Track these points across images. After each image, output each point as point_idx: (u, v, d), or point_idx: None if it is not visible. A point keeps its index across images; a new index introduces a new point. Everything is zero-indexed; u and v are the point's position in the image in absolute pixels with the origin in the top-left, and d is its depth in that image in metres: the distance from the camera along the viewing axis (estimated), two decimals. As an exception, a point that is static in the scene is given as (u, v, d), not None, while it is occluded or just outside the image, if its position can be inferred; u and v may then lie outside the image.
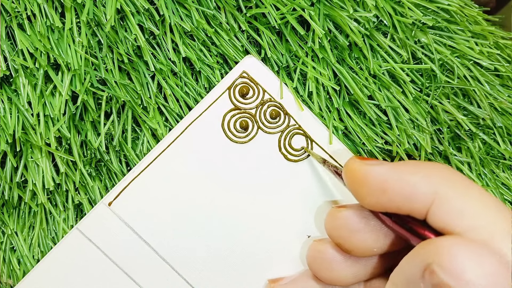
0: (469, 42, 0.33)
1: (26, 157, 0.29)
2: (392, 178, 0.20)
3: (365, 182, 0.20)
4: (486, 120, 0.32)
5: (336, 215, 0.23)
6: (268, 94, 0.30)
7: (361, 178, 0.21)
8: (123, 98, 0.29)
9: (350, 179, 0.22)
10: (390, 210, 0.20)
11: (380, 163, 0.21)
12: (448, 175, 0.19)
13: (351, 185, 0.22)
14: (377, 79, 0.31)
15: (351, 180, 0.22)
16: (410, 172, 0.19)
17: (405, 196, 0.19)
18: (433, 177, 0.19)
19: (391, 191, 0.19)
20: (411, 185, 0.19)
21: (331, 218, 0.23)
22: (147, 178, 0.29)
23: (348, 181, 0.22)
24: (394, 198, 0.19)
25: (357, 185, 0.21)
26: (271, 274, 0.29)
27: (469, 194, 0.18)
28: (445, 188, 0.19)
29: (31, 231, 0.31)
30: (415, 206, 0.19)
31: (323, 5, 0.30)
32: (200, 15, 0.30)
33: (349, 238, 0.22)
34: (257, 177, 0.29)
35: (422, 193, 0.19)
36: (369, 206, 0.21)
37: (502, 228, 0.17)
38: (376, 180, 0.20)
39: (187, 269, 0.29)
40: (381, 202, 0.20)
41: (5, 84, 0.29)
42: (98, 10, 0.28)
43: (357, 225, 0.22)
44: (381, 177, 0.20)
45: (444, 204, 0.18)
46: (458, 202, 0.18)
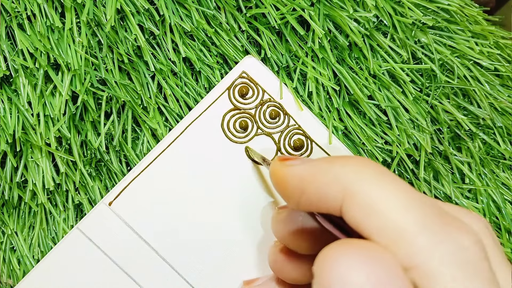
0: (469, 42, 0.32)
1: (26, 157, 0.29)
2: (307, 178, 0.18)
3: (285, 184, 0.19)
4: (486, 120, 0.32)
5: (277, 217, 0.23)
6: (267, 94, 0.30)
7: (281, 179, 0.20)
8: (123, 98, 0.29)
9: (273, 180, 0.21)
10: (312, 210, 0.19)
11: (300, 162, 0.19)
12: (358, 168, 0.17)
13: (275, 187, 0.21)
14: (377, 79, 0.31)
15: (274, 182, 0.21)
16: (323, 170, 0.18)
17: (319, 196, 0.18)
18: (344, 173, 0.17)
19: (308, 192, 0.18)
20: (323, 184, 0.18)
21: (273, 221, 0.23)
22: (147, 178, 0.29)
23: (272, 183, 0.21)
24: (311, 199, 0.18)
25: (279, 187, 0.20)
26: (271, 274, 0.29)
27: (379, 188, 0.16)
28: (354, 183, 0.17)
29: (31, 231, 0.31)
30: (330, 206, 0.17)
31: (323, 5, 0.30)
32: (200, 15, 0.30)
33: (291, 239, 0.22)
34: (257, 177, 0.29)
35: (333, 191, 0.17)
36: (294, 207, 0.20)
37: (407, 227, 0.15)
38: (294, 181, 0.19)
39: (187, 269, 0.29)
40: (302, 204, 0.19)
41: (5, 84, 0.29)
42: (98, 10, 0.28)
43: (295, 226, 0.22)
44: (298, 177, 0.19)
45: (353, 200, 0.16)
46: (365, 198, 0.16)
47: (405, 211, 0.16)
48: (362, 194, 0.16)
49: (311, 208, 0.19)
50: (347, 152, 0.30)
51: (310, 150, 0.30)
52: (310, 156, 0.30)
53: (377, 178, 0.17)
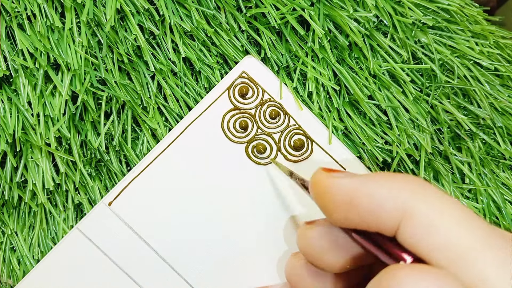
0: (469, 42, 0.32)
1: (26, 157, 0.29)
2: (360, 192, 0.18)
3: (332, 196, 0.19)
4: (486, 120, 0.32)
5: (306, 233, 0.22)
6: (267, 94, 0.30)
7: (327, 191, 0.19)
8: (123, 98, 0.29)
9: (316, 193, 0.20)
10: (359, 226, 0.18)
11: (347, 175, 0.19)
12: (418, 189, 0.17)
13: (317, 199, 0.20)
14: (377, 79, 0.31)
15: (317, 194, 0.20)
16: (378, 186, 0.18)
17: (373, 211, 0.17)
18: (403, 191, 0.17)
19: (359, 206, 0.18)
20: (379, 199, 0.17)
21: (301, 238, 0.22)
22: (147, 178, 0.29)
23: (315, 194, 0.20)
24: (362, 214, 0.18)
25: (323, 200, 0.19)
26: (271, 275, 0.29)
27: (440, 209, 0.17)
28: (414, 203, 0.17)
29: (31, 231, 0.31)
30: (383, 222, 0.17)
31: (323, 5, 0.30)
32: (200, 15, 0.30)
33: (320, 257, 0.21)
34: (257, 177, 0.29)
35: (390, 209, 0.17)
36: (337, 222, 0.19)
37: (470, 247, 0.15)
38: (343, 194, 0.18)
39: (187, 269, 0.29)
40: (349, 218, 0.18)
41: (5, 84, 0.29)
42: (98, 10, 0.28)
43: (327, 244, 0.21)
44: (349, 190, 0.18)
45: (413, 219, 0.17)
46: (427, 217, 0.16)
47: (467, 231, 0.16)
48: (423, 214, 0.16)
49: (359, 223, 0.18)
50: (347, 152, 0.30)
51: (311, 151, 0.30)
52: (311, 156, 0.30)
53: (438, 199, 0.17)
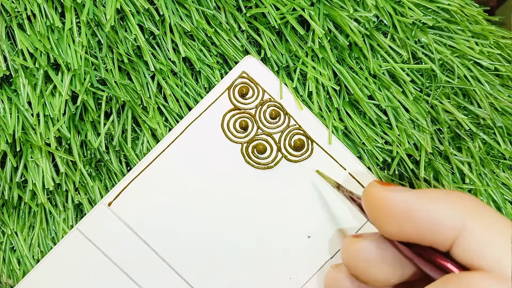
0: (469, 42, 0.32)
1: (26, 157, 0.29)
2: (418, 206, 0.19)
3: (387, 209, 0.19)
4: (487, 120, 0.32)
5: (353, 246, 0.22)
6: (268, 94, 0.30)
7: (382, 204, 0.20)
8: (123, 98, 0.29)
9: (370, 205, 0.20)
10: (412, 239, 0.19)
11: (403, 189, 0.20)
12: (476, 207, 0.18)
13: (371, 211, 0.20)
14: (377, 79, 0.31)
15: (371, 207, 0.20)
16: (437, 201, 0.18)
17: (431, 225, 0.18)
18: (461, 208, 0.18)
19: (416, 220, 0.18)
20: (438, 214, 0.18)
21: (347, 249, 0.22)
22: (147, 178, 0.29)
23: (368, 207, 0.21)
24: (418, 227, 0.18)
25: (378, 212, 0.20)
26: (271, 275, 0.29)
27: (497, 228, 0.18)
28: (473, 220, 0.18)
29: (31, 231, 0.31)
30: (440, 237, 0.18)
31: (323, 5, 0.30)
32: (200, 15, 0.30)
33: (366, 270, 0.21)
34: (257, 177, 0.29)
35: (449, 224, 0.18)
36: (390, 234, 0.20)
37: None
38: (400, 207, 0.19)
39: (187, 269, 0.29)
40: (404, 231, 0.19)
41: (5, 84, 0.29)
42: (98, 10, 0.28)
43: (374, 257, 0.21)
44: (405, 204, 0.19)
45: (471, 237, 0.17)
46: (485, 236, 0.17)
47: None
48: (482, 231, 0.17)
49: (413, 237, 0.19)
50: (347, 152, 0.30)
51: (311, 151, 0.30)
52: (311, 156, 0.30)
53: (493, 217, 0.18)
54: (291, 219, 0.29)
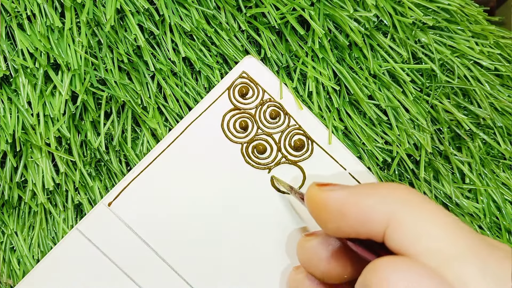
0: (469, 42, 0.32)
1: (26, 157, 0.29)
2: (349, 202, 0.19)
3: (324, 208, 0.20)
4: (487, 120, 0.32)
5: (304, 245, 0.23)
6: (268, 94, 0.30)
7: (320, 204, 0.20)
8: (123, 98, 0.29)
9: (311, 205, 0.21)
10: (350, 235, 0.19)
11: (339, 187, 0.20)
12: (404, 196, 0.18)
13: (312, 211, 0.21)
14: (377, 79, 0.31)
15: (311, 207, 0.21)
16: (366, 195, 0.19)
17: (362, 220, 0.19)
18: (389, 199, 0.18)
19: (349, 216, 0.19)
20: (367, 208, 0.19)
21: (300, 249, 0.23)
22: (146, 178, 0.29)
23: (309, 207, 0.21)
24: (352, 223, 0.19)
25: (317, 211, 0.21)
26: (270, 275, 0.29)
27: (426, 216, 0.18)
28: (400, 209, 0.18)
29: (31, 231, 0.31)
30: (372, 230, 0.18)
31: (323, 4, 0.30)
32: (200, 15, 0.30)
33: (318, 267, 0.22)
34: (257, 177, 0.29)
35: (377, 216, 0.18)
36: (331, 232, 0.20)
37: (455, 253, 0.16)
38: (335, 205, 0.20)
39: (187, 269, 0.29)
40: (341, 228, 0.19)
41: (5, 84, 0.29)
42: (98, 10, 0.28)
43: (324, 254, 0.22)
44: (339, 201, 0.19)
45: (399, 226, 0.18)
46: (413, 224, 0.17)
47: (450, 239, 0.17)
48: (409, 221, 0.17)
49: (350, 232, 0.19)
50: (347, 152, 0.30)
51: (311, 151, 0.30)
52: (311, 157, 0.30)
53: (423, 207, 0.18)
54: (292, 219, 0.29)
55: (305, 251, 0.23)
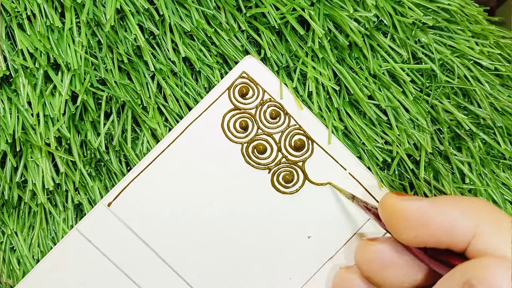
0: (469, 42, 0.32)
1: (26, 157, 0.29)
2: (432, 212, 0.20)
3: (404, 217, 0.21)
4: (487, 120, 0.32)
5: (368, 248, 0.23)
6: (268, 94, 0.30)
7: (399, 213, 0.21)
8: (123, 98, 0.29)
9: (387, 215, 0.22)
10: (428, 244, 0.20)
11: (417, 198, 0.21)
12: (487, 210, 0.20)
13: (388, 220, 0.22)
14: (377, 79, 0.31)
15: (388, 216, 0.22)
16: (450, 207, 0.20)
17: (446, 230, 0.20)
18: (473, 212, 0.20)
19: (431, 225, 0.20)
20: (451, 219, 0.20)
21: (363, 251, 0.24)
22: (146, 178, 0.29)
23: (385, 216, 0.22)
24: (434, 232, 0.20)
25: (394, 220, 0.21)
26: (270, 275, 0.29)
27: (506, 226, 0.19)
28: (484, 222, 0.19)
29: (31, 231, 0.31)
30: (455, 240, 0.19)
31: (323, 5, 0.30)
32: (200, 15, 0.30)
33: (380, 272, 0.23)
34: (257, 177, 0.29)
35: (463, 227, 0.19)
36: (407, 240, 0.21)
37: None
38: (416, 215, 0.20)
39: (187, 269, 0.29)
40: (420, 236, 0.20)
41: (5, 84, 0.29)
42: (98, 10, 0.28)
43: (390, 260, 0.22)
44: (421, 211, 0.20)
45: (484, 238, 0.19)
46: (497, 236, 0.19)
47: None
48: (494, 233, 0.19)
49: (429, 241, 0.20)
50: (347, 152, 0.30)
51: (311, 151, 0.30)
52: (311, 157, 0.30)
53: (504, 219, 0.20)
54: (292, 219, 0.29)
55: (367, 254, 0.23)
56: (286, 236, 0.29)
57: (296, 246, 0.29)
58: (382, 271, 0.22)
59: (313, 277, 0.29)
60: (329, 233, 0.29)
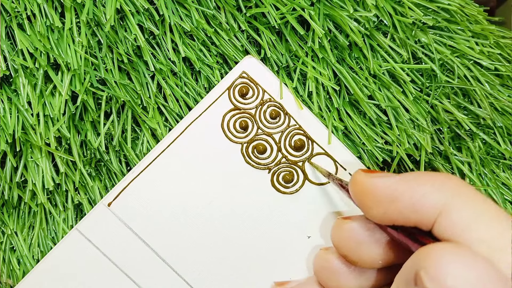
0: (469, 42, 0.32)
1: (26, 157, 0.29)
2: (401, 188, 0.19)
3: (372, 193, 0.20)
4: (487, 120, 0.32)
5: (342, 226, 0.23)
6: (268, 94, 0.30)
7: (368, 189, 0.21)
8: (123, 98, 0.29)
9: (357, 190, 0.21)
10: (397, 221, 0.20)
11: (387, 174, 0.21)
12: (457, 187, 0.19)
13: (358, 196, 0.21)
14: (377, 79, 0.31)
15: (357, 192, 0.21)
16: (419, 183, 0.19)
17: (413, 206, 0.19)
18: (443, 188, 0.19)
19: (399, 202, 0.19)
20: (420, 195, 0.19)
21: (337, 230, 0.23)
22: (146, 178, 0.29)
23: (355, 192, 0.22)
24: (402, 209, 0.19)
25: (364, 197, 0.21)
26: (270, 275, 0.29)
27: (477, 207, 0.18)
28: (454, 199, 0.18)
29: (31, 231, 0.31)
30: (422, 217, 0.19)
31: (323, 4, 0.30)
32: (200, 15, 0.30)
33: (354, 250, 0.22)
34: (257, 177, 0.29)
35: (430, 204, 0.18)
36: (376, 217, 0.21)
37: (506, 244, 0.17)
38: (384, 191, 0.20)
39: (187, 269, 0.29)
40: (389, 213, 0.20)
41: (5, 84, 0.29)
42: (98, 10, 0.28)
43: (363, 237, 0.22)
44: (389, 187, 0.20)
45: (451, 215, 0.18)
46: (465, 214, 0.18)
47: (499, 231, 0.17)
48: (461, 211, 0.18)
49: (397, 218, 0.20)
50: (347, 152, 0.30)
51: (311, 151, 0.30)
52: (311, 157, 0.30)
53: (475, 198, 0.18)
54: (292, 219, 0.29)
55: (342, 232, 0.23)
56: (286, 236, 0.29)
57: (296, 246, 0.29)
58: (356, 249, 0.22)
59: (313, 277, 0.29)
60: (329, 233, 0.29)
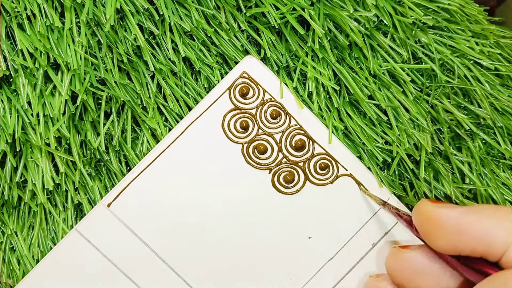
0: (469, 42, 0.32)
1: (26, 157, 0.29)
2: (468, 221, 0.20)
3: (439, 224, 0.21)
4: (487, 120, 0.32)
5: (400, 256, 0.23)
6: (268, 94, 0.30)
7: (434, 220, 0.21)
8: (122, 98, 0.29)
9: (422, 221, 0.22)
10: (463, 252, 0.20)
11: (452, 206, 0.21)
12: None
13: (423, 227, 0.22)
14: (377, 79, 0.31)
15: (423, 222, 0.22)
16: (486, 215, 0.20)
17: (481, 238, 0.20)
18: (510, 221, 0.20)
19: (467, 233, 0.20)
20: (488, 228, 0.20)
21: (394, 258, 0.24)
22: (146, 179, 0.29)
23: (420, 222, 0.22)
24: (469, 240, 0.20)
25: (429, 227, 0.21)
26: (271, 276, 0.29)
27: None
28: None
29: (30, 231, 0.31)
30: (490, 249, 0.19)
31: (323, 4, 0.30)
32: (200, 15, 0.30)
33: (412, 280, 0.23)
34: (258, 177, 0.29)
35: (498, 237, 0.19)
36: (441, 248, 0.21)
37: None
38: (452, 222, 0.20)
39: (186, 270, 0.29)
40: (455, 244, 0.20)
41: (5, 84, 0.29)
42: (98, 10, 0.28)
43: (422, 267, 0.22)
44: (457, 219, 0.20)
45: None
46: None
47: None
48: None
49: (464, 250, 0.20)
50: (347, 152, 0.30)
51: (312, 151, 0.30)
52: (311, 157, 0.30)
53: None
54: (292, 219, 0.29)
55: (399, 262, 0.23)
56: (286, 236, 0.29)
57: (296, 246, 0.29)
58: (414, 279, 0.23)
59: (313, 277, 0.29)
60: (329, 234, 0.29)
